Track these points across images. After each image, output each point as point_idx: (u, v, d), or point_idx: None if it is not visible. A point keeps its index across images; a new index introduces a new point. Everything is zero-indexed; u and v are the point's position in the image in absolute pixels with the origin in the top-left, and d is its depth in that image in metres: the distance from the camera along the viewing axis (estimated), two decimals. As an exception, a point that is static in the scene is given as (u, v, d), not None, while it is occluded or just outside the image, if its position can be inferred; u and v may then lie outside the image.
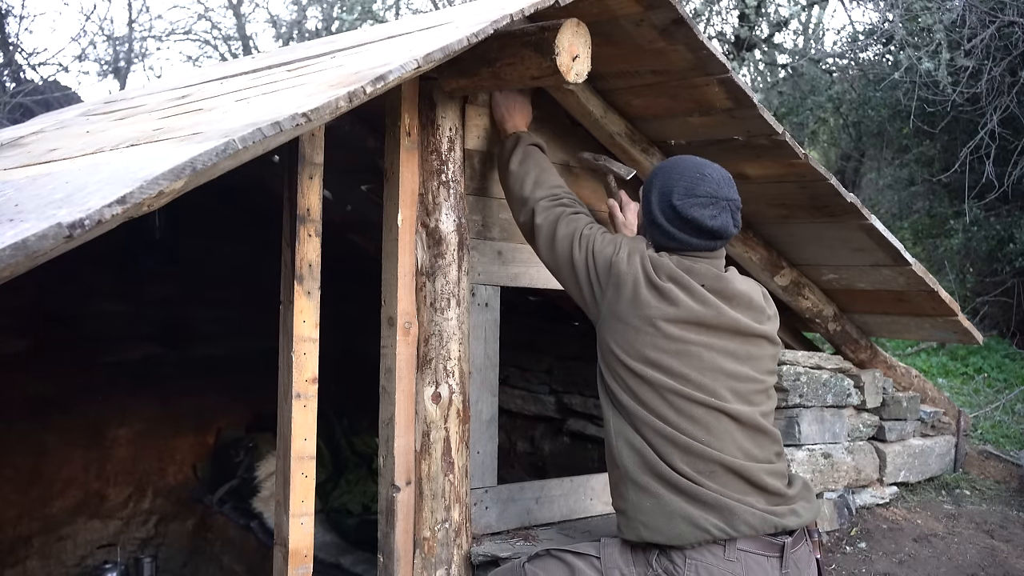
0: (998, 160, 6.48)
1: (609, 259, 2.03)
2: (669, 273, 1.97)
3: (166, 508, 4.84)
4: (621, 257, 2.02)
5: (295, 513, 2.08)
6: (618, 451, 1.96)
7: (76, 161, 1.75)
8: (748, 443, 1.93)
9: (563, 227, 2.16)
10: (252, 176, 2.69)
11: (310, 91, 1.83)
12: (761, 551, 1.85)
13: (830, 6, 13.45)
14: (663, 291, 1.95)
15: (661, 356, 1.92)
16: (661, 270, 1.97)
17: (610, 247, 2.05)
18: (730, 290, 2.00)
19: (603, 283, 2.03)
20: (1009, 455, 4.24)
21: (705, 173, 2.03)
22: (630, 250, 2.03)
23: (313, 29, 12.10)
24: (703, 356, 1.93)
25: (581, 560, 1.95)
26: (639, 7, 2.20)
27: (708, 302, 1.95)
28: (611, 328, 1.99)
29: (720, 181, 2.02)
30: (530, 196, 2.25)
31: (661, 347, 1.92)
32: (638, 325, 1.94)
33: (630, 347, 1.95)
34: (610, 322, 2.00)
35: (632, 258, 2.01)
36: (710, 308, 1.95)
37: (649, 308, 1.94)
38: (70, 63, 14.23)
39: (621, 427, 1.96)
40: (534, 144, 2.38)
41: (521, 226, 2.31)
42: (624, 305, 1.97)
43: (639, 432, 1.93)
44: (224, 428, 5.05)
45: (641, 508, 1.90)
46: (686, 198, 2.00)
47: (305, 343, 2.08)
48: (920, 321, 3.44)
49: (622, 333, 1.96)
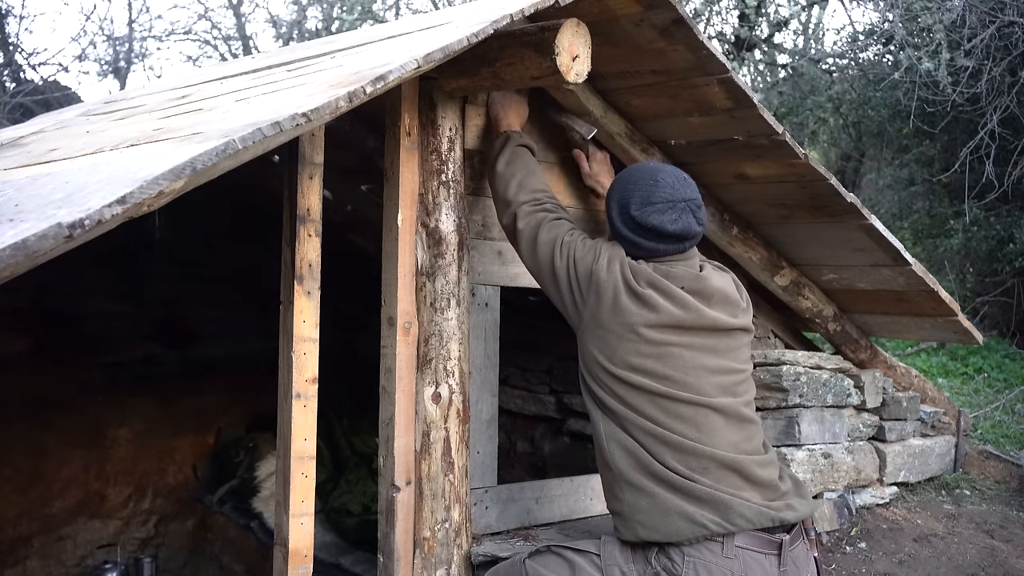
0: (998, 160, 6.48)
1: (590, 267, 2.05)
2: (648, 279, 1.99)
3: (166, 508, 4.83)
4: (601, 265, 2.03)
5: (295, 513, 2.08)
6: (610, 453, 1.97)
7: (76, 161, 1.75)
8: (736, 435, 1.96)
9: (544, 233, 2.17)
10: (252, 176, 2.69)
11: (310, 91, 1.83)
12: (759, 548, 1.86)
13: (830, 6, 13.46)
14: (643, 298, 1.97)
15: (644, 361, 1.94)
16: (640, 276, 2.00)
17: (590, 254, 2.07)
18: (709, 289, 2.03)
19: (584, 291, 2.04)
20: (1009, 455, 4.24)
21: (659, 179, 2.07)
22: (609, 257, 2.04)
23: (313, 29, 12.10)
24: (684, 356, 1.96)
25: (581, 557, 1.96)
26: (639, 7, 2.20)
27: (688, 305, 1.98)
28: (593, 335, 2.01)
29: (675, 184, 2.06)
30: (513, 199, 2.26)
31: (644, 352, 1.95)
32: (620, 332, 1.96)
33: (612, 354, 1.97)
34: (592, 329, 2.02)
35: (612, 265, 2.02)
36: (690, 311, 1.98)
37: (630, 315, 1.96)
38: (70, 63, 14.22)
39: (611, 430, 1.98)
40: (523, 145, 2.37)
41: (504, 228, 2.32)
42: (605, 313, 1.99)
43: (629, 433, 1.94)
44: (224, 428, 5.05)
45: (637, 508, 1.90)
46: (643, 207, 2.04)
47: (305, 343, 2.08)
48: (920, 321, 3.44)
49: (604, 340, 1.98)
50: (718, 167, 2.80)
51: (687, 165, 2.86)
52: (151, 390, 4.74)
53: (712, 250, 3.00)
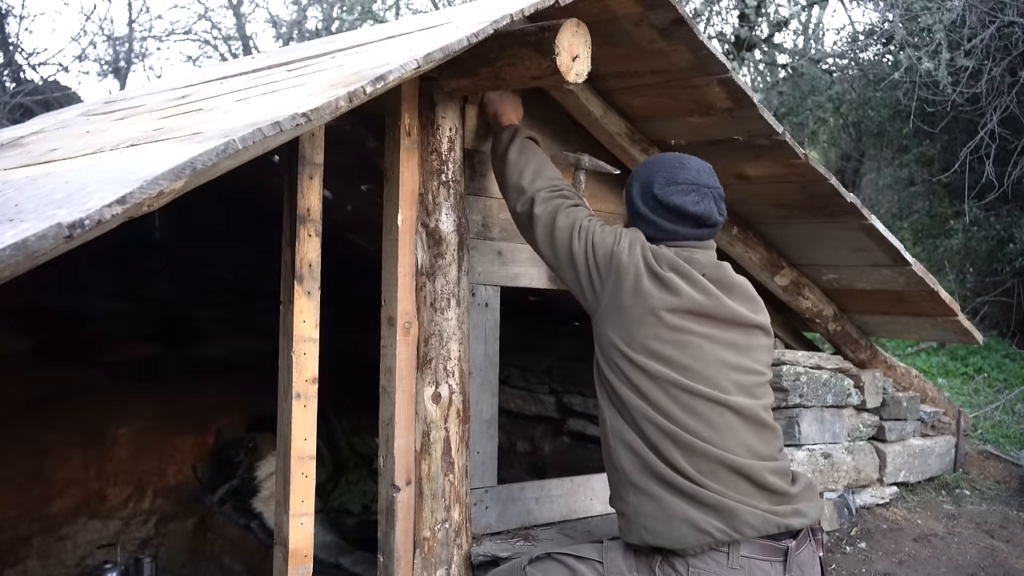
0: (998, 160, 6.48)
1: (610, 249, 2.02)
2: (670, 263, 1.96)
3: (166, 508, 4.84)
4: (622, 247, 2.00)
5: (295, 513, 2.08)
6: (616, 453, 1.93)
7: (76, 161, 1.75)
8: (752, 439, 1.90)
9: (562, 218, 2.14)
10: (252, 176, 2.69)
11: (310, 91, 1.83)
12: (765, 556, 1.82)
13: (830, 6, 13.46)
14: (665, 280, 1.93)
15: (663, 347, 1.90)
16: (662, 259, 1.97)
17: (610, 237, 2.04)
18: (729, 280, 2.00)
19: (603, 274, 2.01)
20: (1009, 455, 4.25)
21: (684, 163, 2.06)
22: (631, 240, 2.02)
23: (313, 29, 12.10)
24: (705, 347, 1.91)
25: (583, 564, 1.92)
26: (639, 7, 2.20)
27: (709, 292, 1.95)
28: (611, 320, 1.97)
29: (700, 170, 2.05)
30: (529, 186, 2.23)
31: (663, 337, 1.90)
32: (640, 315, 1.92)
33: (631, 338, 1.92)
34: (610, 313, 1.98)
35: (633, 248, 2.00)
36: (712, 298, 1.94)
37: (651, 298, 1.92)
38: (70, 63, 14.23)
39: (619, 426, 1.93)
40: (530, 138, 2.37)
41: (518, 216, 2.27)
42: (625, 295, 1.96)
43: (639, 429, 1.89)
44: (224, 428, 5.05)
45: (642, 511, 1.87)
46: (667, 186, 2.02)
47: (305, 343, 2.08)
48: (920, 321, 3.44)
49: (623, 324, 1.94)
50: (718, 167, 2.77)
51: (687, 165, 2.86)
52: (151, 390, 4.75)
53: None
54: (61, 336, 4.48)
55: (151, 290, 4.77)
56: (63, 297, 4.44)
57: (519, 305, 3.66)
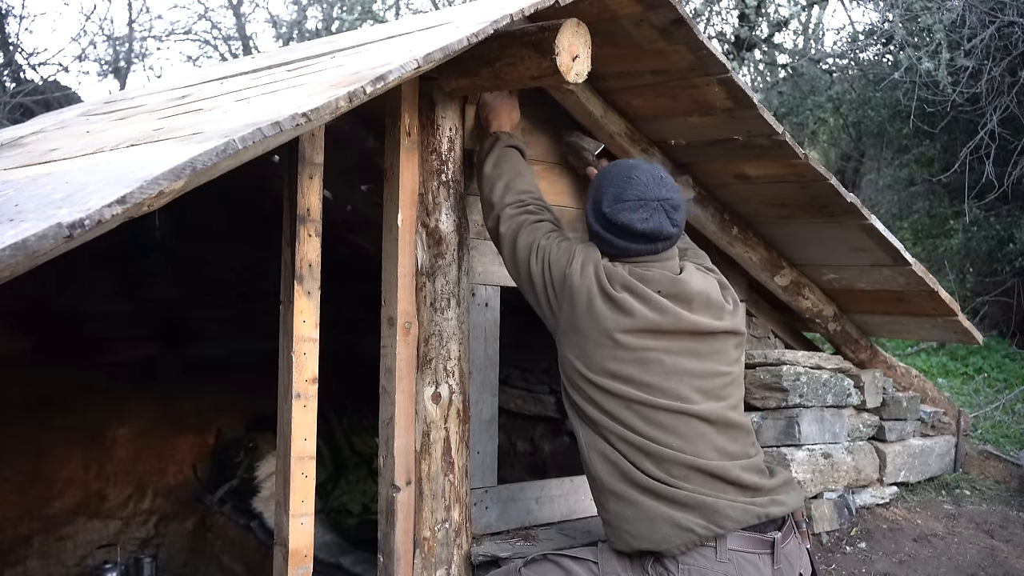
0: (998, 160, 6.48)
1: (563, 272, 2.00)
2: (623, 282, 1.95)
3: (166, 508, 4.83)
4: (574, 269, 1.99)
5: (295, 513, 2.08)
6: (592, 463, 1.95)
7: (76, 161, 1.75)
8: (722, 440, 1.92)
9: (523, 237, 2.13)
10: (252, 176, 2.69)
11: (310, 91, 1.83)
12: (752, 549, 1.85)
13: (830, 6, 13.46)
14: (618, 302, 1.92)
15: (621, 367, 1.90)
16: (615, 280, 1.95)
17: (564, 257, 2.03)
18: (688, 292, 1.97)
19: (559, 295, 2.01)
20: (1009, 455, 4.24)
21: (632, 176, 2.01)
22: (583, 260, 2.00)
23: (313, 29, 12.10)
24: (664, 361, 1.91)
25: (579, 565, 1.93)
26: (639, 7, 2.20)
27: (665, 309, 1.93)
28: (570, 341, 1.98)
29: (648, 182, 2.00)
30: (498, 202, 2.22)
31: (620, 358, 1.91)
32: (596, 338, 1.92)
33: (590, 360, 1.93)
34: (568, 334, 1.98)
35: (586, 268, 1.98)
36: (667, 315, 1.93)
37: (605, 320, 1.92)
38: (70, 63, 14.23)
39: (591, 439, 1.95)
40: (512, 146, 2.34)
41: (489, 232, 2.28)
42: (580, 318, 1.95)
43: (609, 442, 1.91)
44: (224, 428, 5.05)
45: (623, 517, 1.88)
46: (615, 204, 1.99)
47: (305, 343, 2.08)
48: (920, 321, 3.44)
49: (580, 346, 1.95)
50: (718, 167, 2.81)
51: (687, 165, 2.86)
52: (151, 390, 4.74)
53: (712, 250, 2.99)
54: (61, 336, 4.48)
55: (151, 290, 4.77)
56: (63, 297, 4.44)
57: (519, 305, 3.65)
